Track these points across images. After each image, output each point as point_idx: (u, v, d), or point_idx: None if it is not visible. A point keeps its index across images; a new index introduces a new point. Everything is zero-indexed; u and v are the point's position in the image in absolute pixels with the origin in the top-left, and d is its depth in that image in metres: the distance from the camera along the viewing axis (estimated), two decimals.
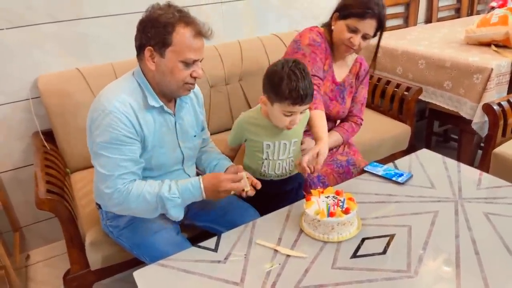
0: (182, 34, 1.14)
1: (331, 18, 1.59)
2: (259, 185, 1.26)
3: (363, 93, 1.75)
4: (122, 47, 1.91)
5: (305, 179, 1.56)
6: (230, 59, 2.06)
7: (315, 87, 1.45)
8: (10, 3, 1.65)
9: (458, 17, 3.24)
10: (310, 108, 1.43)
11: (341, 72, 1.69)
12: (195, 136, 1.40)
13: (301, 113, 1.31)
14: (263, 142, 1.39)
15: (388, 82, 2.32)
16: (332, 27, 1.58)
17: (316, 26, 1.65)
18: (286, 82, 1.23)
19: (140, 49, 1.20)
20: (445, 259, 1.08)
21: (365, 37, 1.52)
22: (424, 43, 2.46)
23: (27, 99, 1.78)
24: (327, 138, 1.39)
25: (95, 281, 1.52)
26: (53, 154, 1.71)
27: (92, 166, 1.72)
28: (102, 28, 1.86)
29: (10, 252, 1.81)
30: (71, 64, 1.82)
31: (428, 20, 3.11)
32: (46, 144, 1.72)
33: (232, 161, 1.51)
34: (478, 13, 3.30)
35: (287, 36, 2.27)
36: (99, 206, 1.39)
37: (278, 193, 1.48)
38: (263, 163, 1.43)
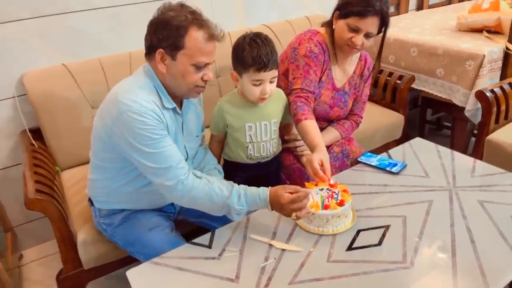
0: (194, 38, 1.12)
1: (332, 16, 1.50)
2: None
3: (366, 91, 1.67)
4: (109, 41, 1.87)
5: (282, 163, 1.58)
6: (221, 51, 1.97)
7: (302, 99, 1.44)
8: None
9: (450, 3, 3.22)
10: (299, 120, 1.40)
11: (342, 76, 1.61)
12: (197, 136, 1.40)
13: (270, 82, 1.33)
14: (245, 124, 1.41)
15: (380, 71, 2.30)
16: (334, 27, 1.49)
17: (318, 32, 1.54)
18: (248, 50, 1.28)
19: (150, 50, 1.17)
20: (441, 248, 1.08)
21: (368, 35, 1.43)
22: (416, 30, 2.44)
23: (13, 97, 1.74)
24: (323, 145, 1.33)
25: (89, 280, 1.51)
26: (42, 153, 1.67)
27: (82, 163, 1.73)
28: (88, 22, 1.82)
29: (2, 253, 1.78)
30: (56, 60, 1.77)
31: (420, 7, 3.09)
32: (34, 142, 1.69)
33: (219, 154, 1.52)
34: None
35: (277, 26, 2.24)
36: (91, 203, 1.37)
37: (262, 175, 1.49)
38: (247, 147, 1.45)
